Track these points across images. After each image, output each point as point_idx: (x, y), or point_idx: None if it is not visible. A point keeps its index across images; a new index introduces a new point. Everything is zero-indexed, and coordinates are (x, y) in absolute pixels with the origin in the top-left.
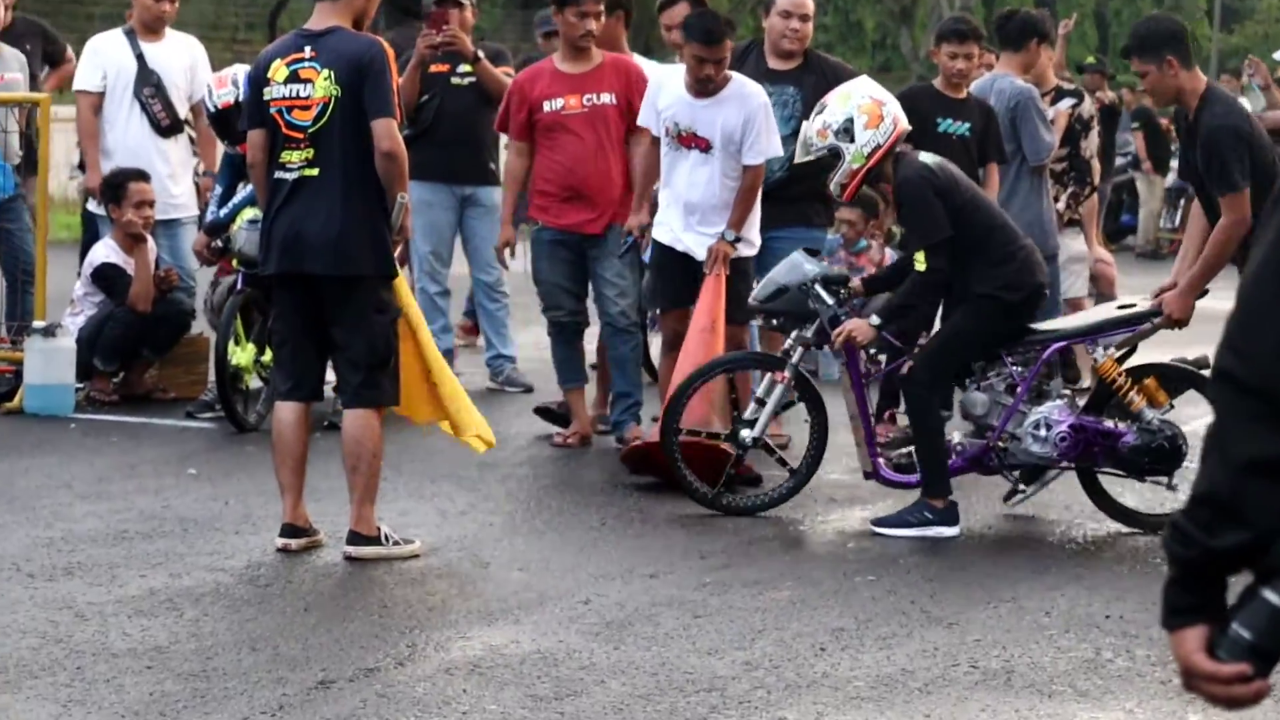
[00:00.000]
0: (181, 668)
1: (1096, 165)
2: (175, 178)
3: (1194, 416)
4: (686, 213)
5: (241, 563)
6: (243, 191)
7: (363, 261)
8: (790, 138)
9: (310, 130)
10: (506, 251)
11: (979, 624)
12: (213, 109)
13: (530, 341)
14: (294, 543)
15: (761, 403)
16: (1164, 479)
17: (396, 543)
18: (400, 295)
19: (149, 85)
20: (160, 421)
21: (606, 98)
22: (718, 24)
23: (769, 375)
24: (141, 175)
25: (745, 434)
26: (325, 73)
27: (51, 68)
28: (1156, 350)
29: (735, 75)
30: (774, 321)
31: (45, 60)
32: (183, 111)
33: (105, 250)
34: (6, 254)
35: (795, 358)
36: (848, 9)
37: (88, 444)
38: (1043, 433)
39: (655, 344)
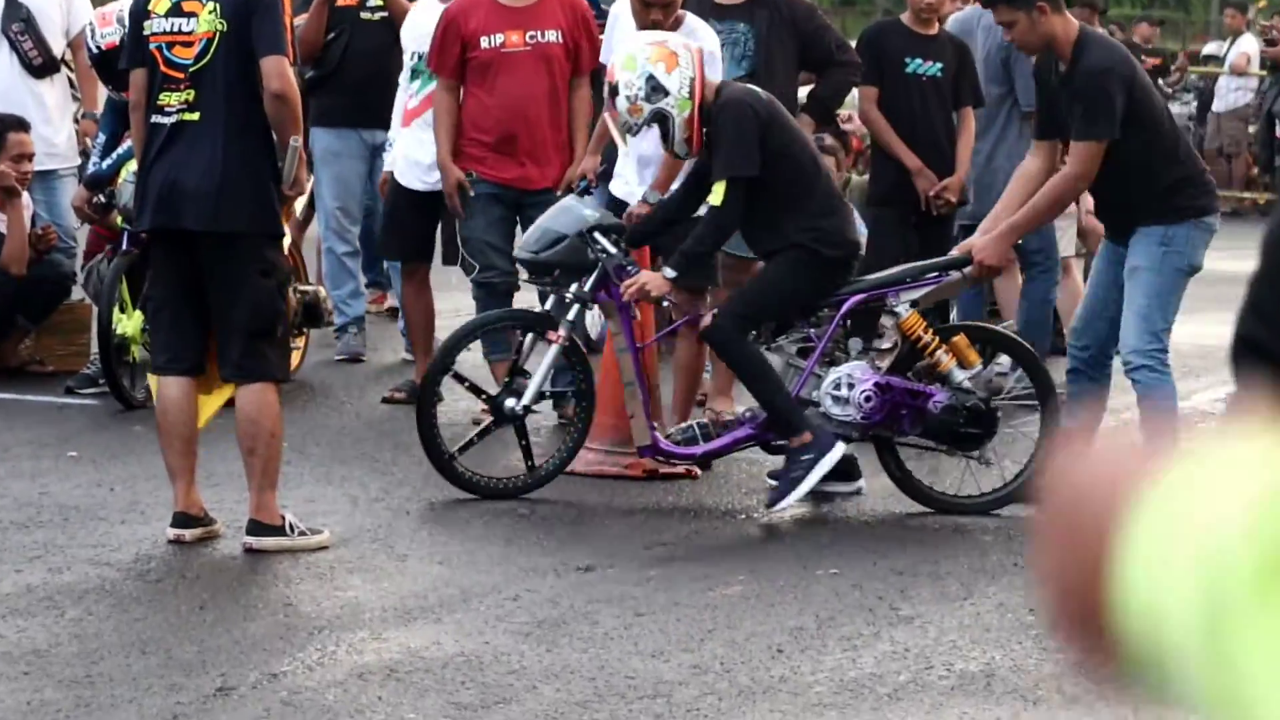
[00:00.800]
0: (63, 673)
1: None
2: (52, 123)
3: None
4: (641, 166)
5: (129, 555)
6: (128, 141)
7: (244, 217)
8: (746, 78)
9: (191, 69)
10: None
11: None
12: (95, 50)
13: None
14: (187, 533)
15: (525, 373)
16: (975, 452)
17: (302, 533)
18: None
19: (18, 20)
20: (36, 398)
21: (552, 35)
22: None
23: (533, 336)
24: (21, 124)
25: (511, 404)
26: (210, 6)
27: None
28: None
29: (689, 18)
30: (547, 276)
31: None
32: (58, 49)
33: None
34: None
35: (571, 314)
36: None
37: None
38: (844, 393)
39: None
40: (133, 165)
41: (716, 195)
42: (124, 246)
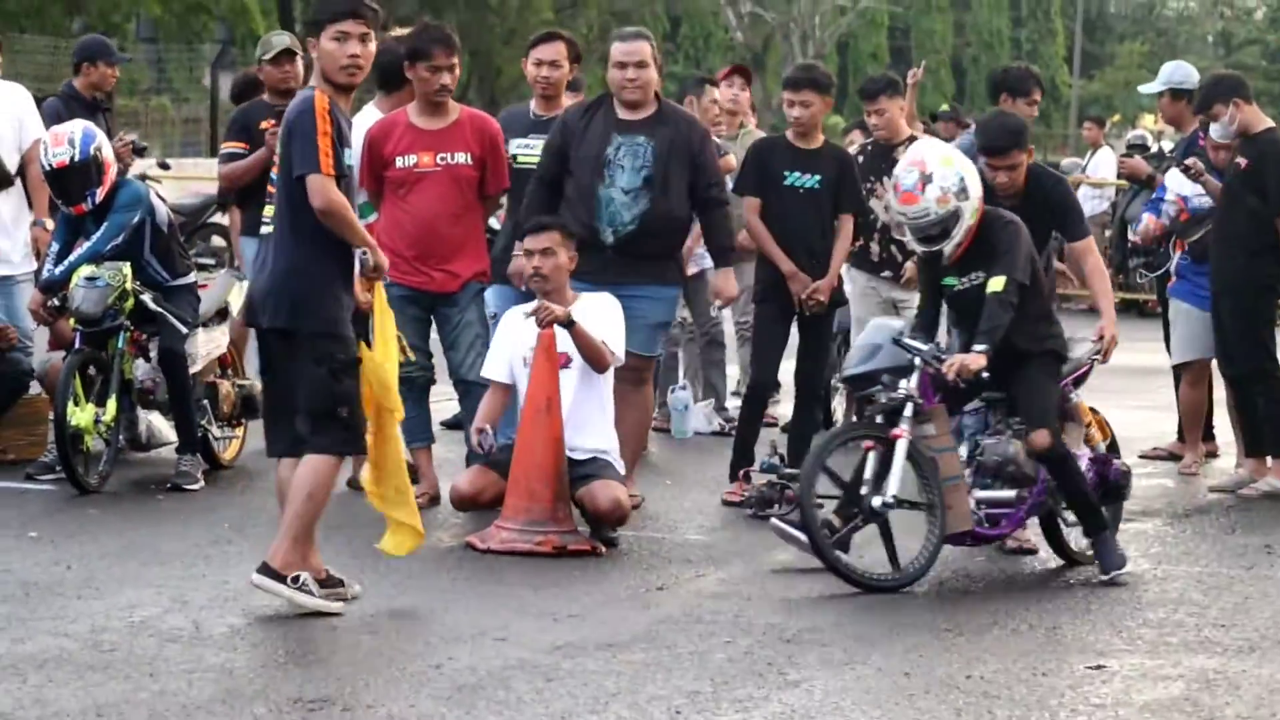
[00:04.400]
0: None
1: None
2: (8, 234)
3: None
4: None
5: (85, 627)
6: (79, 250)
7: (286, 315)
8: (643, 187)
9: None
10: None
11: (839, 685)
12: (47, 167)
13: None
14: (336, 596)
15: (878, 474)
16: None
17: (309, 592)
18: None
19: None
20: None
21: (461, 157)
22: None
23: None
24: None
25: (877, 500)
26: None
27: None
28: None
29: (582, 298)
30: (874, 386)
31: None
32: (11, 164)
33: None
34: None
35: (909, 411)
36: (698, 56)
37: None
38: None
39: None
40: (83, 271)
41: (998, 284)
42: (76, 345)
